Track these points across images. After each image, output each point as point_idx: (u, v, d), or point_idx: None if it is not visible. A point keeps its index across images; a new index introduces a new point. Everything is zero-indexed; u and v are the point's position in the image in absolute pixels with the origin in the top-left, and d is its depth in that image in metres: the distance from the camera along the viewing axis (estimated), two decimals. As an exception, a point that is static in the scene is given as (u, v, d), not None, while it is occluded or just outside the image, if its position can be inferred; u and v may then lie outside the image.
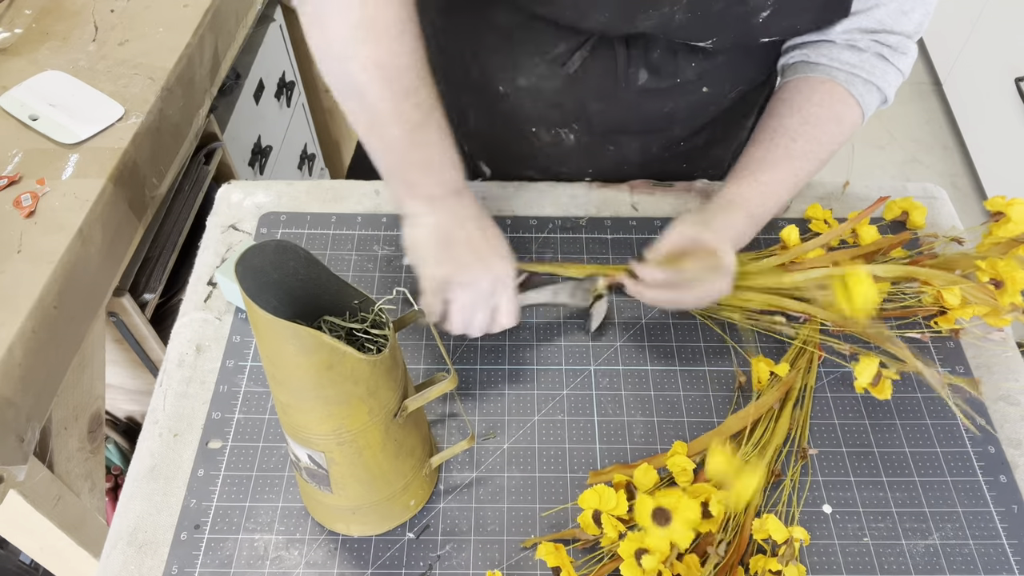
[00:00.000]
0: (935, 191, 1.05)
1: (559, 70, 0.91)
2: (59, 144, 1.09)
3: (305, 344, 0.59)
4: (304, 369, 0.61)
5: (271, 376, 0.64)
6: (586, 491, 0.73)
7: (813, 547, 0.75)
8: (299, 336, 0.58)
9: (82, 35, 1.24)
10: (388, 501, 0.74)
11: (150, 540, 0.75)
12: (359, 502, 0.73)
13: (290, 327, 0.57)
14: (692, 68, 0.91)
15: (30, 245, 0.98)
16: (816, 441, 0.82)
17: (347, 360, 0.60)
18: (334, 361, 0.60)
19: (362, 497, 0.72)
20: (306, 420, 0.65)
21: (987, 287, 0.84)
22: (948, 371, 0.87)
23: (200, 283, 0.93)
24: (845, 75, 0.88)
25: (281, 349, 0.60)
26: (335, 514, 0.75)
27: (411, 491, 0.75)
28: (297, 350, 0.59)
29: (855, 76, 0.88)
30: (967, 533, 0.76)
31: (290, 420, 0.66)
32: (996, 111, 2.47)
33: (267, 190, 1.02)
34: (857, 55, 0.88)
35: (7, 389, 0.89)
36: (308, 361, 0.60)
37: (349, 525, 0.76)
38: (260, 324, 0.59)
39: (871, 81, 0.88)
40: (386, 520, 0.76)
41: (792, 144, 0.88)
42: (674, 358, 0.88)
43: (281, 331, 0.58)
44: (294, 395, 0.64)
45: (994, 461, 0.81)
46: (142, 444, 0.81)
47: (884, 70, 0.89)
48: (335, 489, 0.71)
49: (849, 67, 0.88)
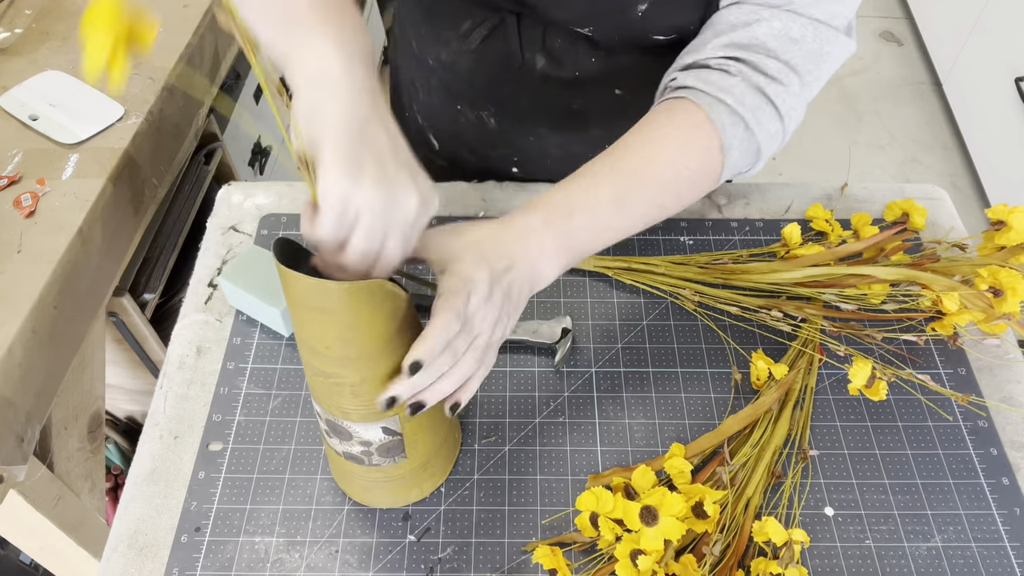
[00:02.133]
0: (935, 192, 1.05)
1: (465, 45, 0.93)
2: (59, 144, 1.09)
3: (376, 298, 0.59)
4: (378, 328, 0.61)
5: (342, 360, 0.63)
6: (583, 493, 0.73)
7: (815, 549, 0.75)
8: (372, 291, 0.58)
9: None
10: (445, 440, 0.76)
11: (150, 543, 0.75)
12: (429, 453, 0.74)
13: (363, 285, 0.58)
14: (593, 64, 0.91)
15: (30, 245, 0.98)
16: (817, 442, 0.82)
17: (402, 302, 0.62)
18: (396, 308, 0.61)
19: (430, 445, 0.73)
20: (383, 387, 0.65)
21: (985, 295, 0.84)
22: (950, 373, 0.87)
23: (200, 285, 0.93)
24: (708, 98, 0.76)
25: (357, 316, 0.60)
26: (408, 482, 0.76)
27: (455, 423, 0.79)
28: (372, 308, 0.60)
29: (720, 102, 0.76)
30: (969, 536, 0.76)
31: (365, 400, 0.65)
32: (996, 111, 2.47)
33: (267, 191, 1.02)
34: (727, 79, 0.76)
35: (7, 389, 0.89)
36: (379, 316, 0.61)
37: (423, 484, 0.77)
38: (332, 302, 0.59)
39: (738, 112, 0.75)
40: (448, 460, 0.79)
41: (624, 159, 0.75)
42: (675, 360, 0.88)
43: (358, 293, 0.58)
44: (370, 365, 0.64)
45: (996, 463, 0.80)
46: (142, 446, 0.81)
47: (757, 104, 0.76)
48: (409, 450, 0.72)
49: (716, 89, 0.76)
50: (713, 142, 0.76)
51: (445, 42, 0.95)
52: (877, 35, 3.20)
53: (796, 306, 0.89)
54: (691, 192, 0.79)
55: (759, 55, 0.76)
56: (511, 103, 0.98)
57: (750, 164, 0.81)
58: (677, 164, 0.76)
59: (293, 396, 0.84)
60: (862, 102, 2.93)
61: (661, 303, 0.93)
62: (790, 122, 0.79)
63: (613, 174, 0.74)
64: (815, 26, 0.76)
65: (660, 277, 0.93)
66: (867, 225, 0.95)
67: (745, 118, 0.76)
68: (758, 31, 0.76)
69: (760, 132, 0.77)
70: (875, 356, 0.87)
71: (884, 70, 3.06)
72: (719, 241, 0.98)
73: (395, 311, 0.62)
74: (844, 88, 2.97)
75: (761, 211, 1.02)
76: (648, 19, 0.82)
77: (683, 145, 0.76)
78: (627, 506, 0.70)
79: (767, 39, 0.76)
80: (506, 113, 1.00)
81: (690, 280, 0.93)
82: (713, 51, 0.78)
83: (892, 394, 0.85)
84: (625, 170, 0.75)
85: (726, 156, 0.77)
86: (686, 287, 0.92)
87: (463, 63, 0.96)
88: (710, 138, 0.76)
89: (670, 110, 0.78)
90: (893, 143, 2.79)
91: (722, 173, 0.79)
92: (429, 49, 0.99)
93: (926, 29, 3.03)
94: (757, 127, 0.77)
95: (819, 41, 0.76)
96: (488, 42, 0.93)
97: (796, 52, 0.76)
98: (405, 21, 1.03)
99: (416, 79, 1.06)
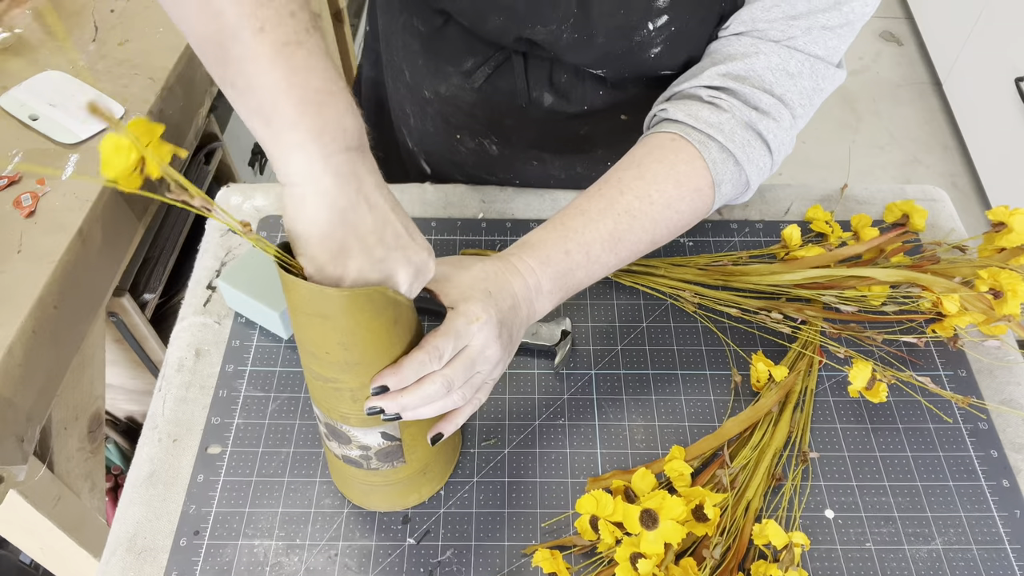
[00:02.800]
0: (936, 193, 1.04)
1: (468, 82, 0.92)
2: (59, 144, 1.09)
3: (377, 305, 0.59)
4: (379, 335, 0.61)
5: (342, 365, 0.63)
6: (583, 496, 0.73)
7: (815, 552, 0.75)
8: (372, 298, 0.59)
9: (82, 35, 1.23)
10: (445, 445, 0.76)
11: (149, 546, 0.75)
12: (428, 458, 0.74)
13: (364, 292, 0.58)
14: (601, 97, 0.91)
15: (30, 245, 0.98)
16: (817, 445, 0.82)
17: (404, 308, 0.62)
18: (398, 315, 0.62)
19: (430, 450, 0.73)
20: None
21: (985, 296, 0.84)
22: (950, 374, 0.87)
23: (199, 287, 0.93)
24: (700, 135, 0.77)
25: (357, 323, 0.60)
26: (407, 487, 0.76)
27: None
28: (372, 315, 0.60)
29: (711, 139, 0.77)
30: (970, 538, 0.76)
31: (364, 405, 0.66)
32: (996, 111, 2.47)
33: (266, 193, 1.02)
34: (718, 114, 0.77)
35: (7, 389, 0.89)
36: (379, 322, 0.61)
37: (421, 489, 0.77)
38: (332, 308, 0.59)
39: (728, 149, 0.77)
40: (448, 464, 0.79)
41: (619, 197, 0.76)
42: (675, 362, 0.88)
43: (358, 301, 0.58)
44: (370, 372, 0.64)
45: (997, 465, 0.80)
46: (141, 450, 0.81)
47: (747, 140, 0.78)
48: (408, 455, 0.72)
49: (706, 126, 0.77)
50: (705, 180, 0.78)
51: (445, 77, 0.93)
52: (877, 35, 3.20)
53: (796, 308, 0.89)
54: (683, 227, 0.81)
55: (754, 88, 0.77)
56: (515, 134, 0.97)
57: (739, 194, 0.83)
58: (671, 204, 0.77)
59: (292, 399, 0.84)
60: (862, 102, 2.93)
61: (661, 305, 0.93)
62: (779, 155, 0.80)
63: (608, 213, 0.75)
64: (812, 62, 0.77)
65: (660, 279, 0.93)
66: (867, 227, 0.94)
67: (735, 154, 0.77)
68: (756, 64, 0.76)
69: (749, 167, 0.79)
70: (875, 358, 0.87)
71: (884, 70, 3.05)
72: (719, 242, 0.98)
73: (397, 318, 0.62)
74: (844, 88, 2.96)
75: (761, 212, 1.02)
76: (661, 59, 0.82)
77: (677, 185, 0.77)
78: (627, 509, 0.70)
79: (764, 72, 0.77)
80: (509, 142, 0.98)
81: (690, 282, 0.93)
82: (709, 79, 0.78)
83: (892, 396, 0.85)
84: (620, 210, 0.75)
85: (716, 191, 0.79)
86: (686, 289, 0.92)
87: (464, 97, 0.94)
88: (702, 176, 0.77)
89: (662, 147, 0.78)
90: (893, 143, 2.79)
91: (712, 206, 0.81)
92: (426, 81, 0.96)
93: (926, 29, 3.03)
94: (747, 163, 0.78)
95: (815, 78, 0.78)
96: (493, 80, 0.91)
97: (791, 87, 0.77)
98: (397, 49, 0.99)
99: (407, 106, 1.03)
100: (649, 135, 0.81)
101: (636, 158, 0.79)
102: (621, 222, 0.75)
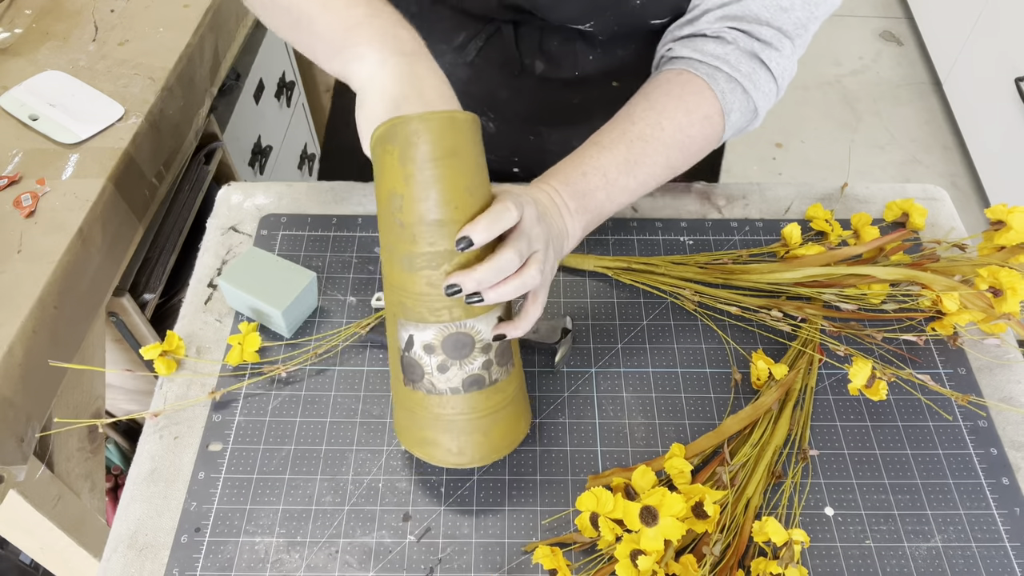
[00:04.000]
0: (936, 192, 1.05)
1: (461, 57, 0.93)
2: (59, 144, 1.09)
3: (477, 128, 0.64)
4: (485, 171, 0.66)
5: (461, 223, 0.64)
6: (583, 494, 0.73)
7: (815, 549, 0.75)
8: (476, 120, 0.63)
9: (82, 35, 1.23)
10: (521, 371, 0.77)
11: (150, 543, 0.75)
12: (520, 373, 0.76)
13: (469, 115, 0.63)
14: (591, 62, 0.92)
15: (30, 245, 0.98)
16: (817, 442, 0.82)
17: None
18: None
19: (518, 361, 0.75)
20: None
21: (985, 294, 0.84)
22: (950, 372, 0.87)
23: (200, 285, 0.93)
24: (707, 68, 0.82)
25: (479, 155, 0.65)
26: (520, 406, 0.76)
27: None
28: (478, 143, 0.64)
29: (718, 70, 0.81)
30: (969, 536, 0.76)
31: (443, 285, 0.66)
32: (996, 111, 2.47)
33: (267, 192, 1.02)
34: (722, 47, 0.81)
35: (7, 389, 0.89)
36: (483, 159, 0.65)
37: (523, 416, 0.77)
38: (463, 137, 0.62)
39: (735, 78, 0.81)
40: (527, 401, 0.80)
41: (631, 127, 0.80)
42: (675, 360, 0.88)
43: (475, 124, 0.63)
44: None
45: (996, 463, 0.80)
46: (142, 447, 0.81)
47: (752, 69, 0.82)
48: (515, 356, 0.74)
49: (712, 58, 0.81)
50: (714, 108, 0.82)
51: (439, 55, 0.92)
52: (877, 35, 3.20)
53: (796, 306, 0.89)
54: (695, 153, 0.84)
55: (753, 24, 0.81)
56: (510, 107, 0.98)
57: (749, 122, 0.86)
58: (682, 129, 0.81)
59: (293, 396, 0.84)
60: (862, 102, 2.93)
61: (661, 303, 0.93)
62: (783, 80, 0.84)
63: (621, 140, 0.80)
64: None
65: (660, 277, 0.93)
66: (867, 225, 0.95)
67: (742, 83, 0.81)
68: (751, 4, 0.80)
69: (756, 94, 0.83)
70: (875, 356, 0.87)
71: (884, 70, 3.06)
72: (719, 241, 0.98)
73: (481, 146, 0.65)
74: (844, 88, 2.97)
75: (761, 211, 1.02)
76: (647, 7, 0.83)
77: (687, 113, 0.81)
78: (627, 506, 0.70)
79: (759, 11, 0.80)
80: (505, 117, 1.00)
81: (690, 280, 0.93)
82: (707, 23, 0.82)
83: (892, 394, 0.85)
84: (632, 137, 0.80)
85: (726, 119, 0.83)
86: (686, 287, 0.92)
87: (459, 74, 0.95)
88: (711, 105, 0.82)
89: (670, 81, 0.82)
90: (893, 143, 2.79)
91: (723, 134, 0.84)
92: None
93: (926, 29, 3.03)
94: (754, 90, 0.82)
95: (808, 7, 0.81)
96: (485, 52, 0.93)
97: (786, 20, 0.81)
98: None
99: None
100: (657, 74, 0.85)
101: (645, 93, 0.83)
102: (634, 147, 0.79)
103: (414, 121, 0.61)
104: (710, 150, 0.85)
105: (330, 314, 0.91)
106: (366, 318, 0.90)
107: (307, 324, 0.90)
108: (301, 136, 1.93)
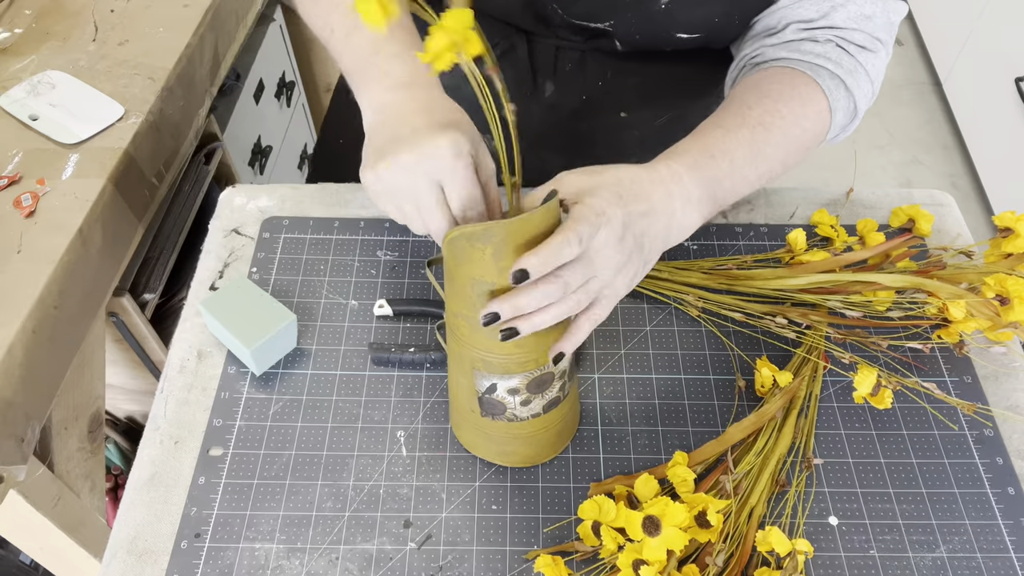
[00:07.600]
0: (942, 198, 1.04)
1: None
2: (59, 144, 1.08)
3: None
4: None
5: None
6: (585, 502, 0.72)
7: (819, 559, 0.75)
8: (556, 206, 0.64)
9: (82, 35, 1.23)
10: None
11: (150, 549, 0.75)
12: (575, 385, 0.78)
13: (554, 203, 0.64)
14: (600, 87, 0.91)
15: (30, 245, 0.98)
16: (822, 451, 0.82)
17: None
18: None
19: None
20: None
21: (991, 302, 0.83)
22: (956, 381, 0.87)
23: (202, 288, 0.93)
24: (809, 64, 0.79)
25: None
26: (574, 412, 0.80)
27: None
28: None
29: (821, 68, 0.79)
30: (975, 546, 0.76)
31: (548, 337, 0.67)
32: (996, 111, 2.47)
33: (270, 194, 1.02)
34: (821, 46, 0.80)
35: (7, 389, 0.89)
36: None
37: (577, 412, 0.81)
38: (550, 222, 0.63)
39: (838, 75, 0.79)
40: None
41: (749, 112, 0.76)
42: (679, 366, 0.88)
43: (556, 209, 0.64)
44: None
45: (1002, 473, 0.80)
46: (142, 451, 0.81)
47: (852, 66, 0.80)
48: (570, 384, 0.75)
49: (813, 56, 0.79)
50: (823, 104, 0.79)
51: (452, 71, 0.93)
52: (879, 35, 3.19)
53: (801, 313, 0.89)
54: (806, 149, 0.81)
55: (842, 31, 0.81)
56: (518, 128, 0.97)
57: (848, 122, 0.84)
58: (799, 121, 0.78)
59: (294, 401, 0.84)
60: (863, 102, 2.92)
61: (664, 309, 0.92)
62: (877, 84, 0.83)
63: (744, 125, 0.75)
64: (883, 1, 0.81)
65: (664, 282, 0.93)
66: (873, 231, 0.94)
67: (845, 80, 0.80)
68: (836, 18, 0.80)
69: (857, 92, 0.81)
70: (880, 364, 0.87)
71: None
72: (723, 246, 0.97)
73: None
74: (845, 88, 2.96)
75: (766, 216, 1.01)
76: (672, 11, 0.81)
77: (802, 104, 0.78)
78: (629, 515, 0.70)
79: (846, 22, 0.80)
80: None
81: (694, 286, 0.92)
82: (793, 34, 0.81)
83: (897, 402, 0.85)
84: (753, 122, 0.76)
85: (832, 117, 0.80)
86: (690, 293, 0.91)
87: (466, 91, 0.94)
88: (821, 100, 0.79)
89: (778, 73, 0.79)
90: (893, 143, 2.79)
91: (828, 134, 0.83)
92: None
93: (926, 29, 3.03)
94: (856, 88, 0.81)
95: (887, 13, 0.81)
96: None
97: (872, 26, 0.81)
98: None
99: None
100: (753, 71, 0.82)
101: (752, 83, 0.80)
102: (757, 133, 0.75)
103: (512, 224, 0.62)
104: (814, 150, 0.82)
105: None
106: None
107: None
108: (301, 136, 1.92)
